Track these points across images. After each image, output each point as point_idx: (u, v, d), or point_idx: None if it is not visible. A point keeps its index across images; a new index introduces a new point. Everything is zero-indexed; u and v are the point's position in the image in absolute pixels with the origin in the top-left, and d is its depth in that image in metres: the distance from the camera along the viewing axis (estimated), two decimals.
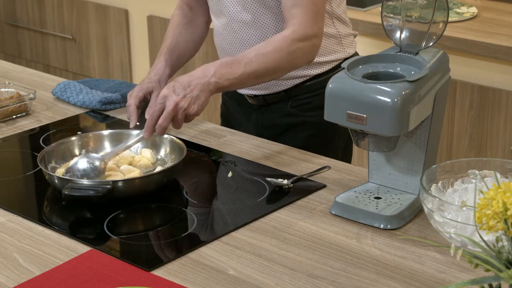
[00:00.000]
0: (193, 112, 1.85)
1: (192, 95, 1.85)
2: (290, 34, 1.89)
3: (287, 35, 1.89)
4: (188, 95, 1.84)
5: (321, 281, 1.44)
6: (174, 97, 1.84)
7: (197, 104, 1.85)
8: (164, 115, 1.84)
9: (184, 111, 1.84)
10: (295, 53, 1.90)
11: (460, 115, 2.84)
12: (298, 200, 1.72)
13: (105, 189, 1.65)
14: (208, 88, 1.85)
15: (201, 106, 1.86)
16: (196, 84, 1.85)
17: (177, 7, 2.22)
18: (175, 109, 1.83)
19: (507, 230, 1.05)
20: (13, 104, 2.14)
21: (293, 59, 1.91)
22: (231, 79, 1.87)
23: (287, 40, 1.89)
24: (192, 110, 1.85)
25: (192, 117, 1.87)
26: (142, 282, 1.44)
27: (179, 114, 1.84)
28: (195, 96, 1.85)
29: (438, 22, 1.62)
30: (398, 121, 1.52)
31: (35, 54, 4.28)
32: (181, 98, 1.84)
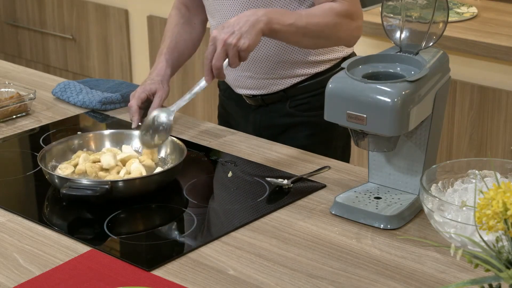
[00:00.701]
0: (244, 46, 1.80)
1: (241, 31, 1.81)
2: (339, 9, 1.91)
3: (337, 8, 1.92)
4: (236, 31, 1.81)
5: (321, 281, 1.44)
6: (222, 35, 1.81)
7: (247, 39, 1.81)
8: (216, 55, 1.81)
9: (235, 46, 1.80)
10: (340, 26, 1.92)
11: (460, 115, 2.84)
12: (298, 200, 1.72)
13: (103, 189, 1.65)
14: (258, 25, 1.82)
15: (252, 41, 1.81)
16: (246, 21, 1.82)
17: (174, 7, 2.23)
18: (224, 46, 1.80)
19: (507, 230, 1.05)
20: (13, 104, 2.14)
21: (337, 32, 1.93)
22: (281, 25, 1.85)
23: (333, 10, 1.91)
24: (243, 45, 1.80)
25: (245, 53, 1.81)
26: (142, 282, 1.44)
27: (230, 50, 1.81)
28: (245, 31, 1.81)
29: (438, 22, 1.62)
30: (398, 121, 1.52)
31: (35, 54, 4.28)
32: (229, 34, 1.80)
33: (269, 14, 1.84)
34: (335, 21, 1.91)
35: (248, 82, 2.10)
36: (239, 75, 2.10)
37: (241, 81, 2.11)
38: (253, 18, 1.82)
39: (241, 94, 2.15)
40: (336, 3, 1.92)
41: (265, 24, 1.82)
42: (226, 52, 1.81)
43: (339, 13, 1.91)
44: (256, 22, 1.82)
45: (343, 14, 1.91)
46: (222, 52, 1.81)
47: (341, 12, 1.91)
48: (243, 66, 2.08)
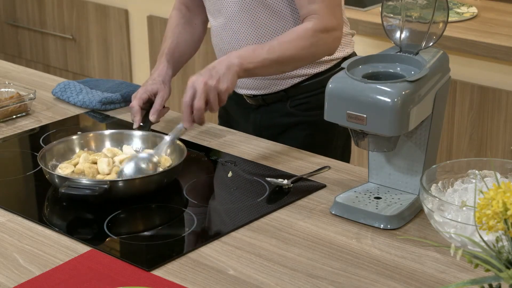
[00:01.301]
0: (224, 88, 1.84)
1: (219, 74, 1.84)
2: (311, 26, 1.91)
3: (309, 27, 1.92)
4: (214, 74, 1.84)
5: (321, 281, 1.44)
6: (201, 78, 1.84)
7: (226, 81, 1.84)
8: (198, 96, 1.83)
9: (215, 88, 1.83)
10: (317, 44, 1.92)
11: (460, 115, 2.84)
12: (298, 200, 1.72)
13: (102, 188, 1.65)
14: (233, 68, 1.85)
15: (231, 82, 1.85)
16: (221, 65, 1.86)
17: (174, 8, 2.23)
18: (205, 88, 1.83)
19: (507, 230, 1.05)
20: (13, 104, 2.14)
21: (315, 50, 1.94)
22: (254, 63, 1.88)
23: (309, 31, 1.91)
24: (222, 87, 1.84)
25: (224, 95, 1.85)
26: (142, 282, 1.44)
27: (211, 93, 1.84)
28: (222, 74, 1.84)
29: (438, 22, 1.62)
30: (398, 121, 1.52)
31: (35, 54, 4.28)
32: (209, 77, 1.84)
33: (241, 55, 1.88)
34: (310, 42, 1.91)
35: (248, 82, 2.10)
36: None
37: (241, 81, 2.11)
38: (226, 62, 1.86)
39: (242, 94, 2.15)
40: (310, 21, 1.92)
41: (238, 66, 1.86)
42: (207, 93, 1.83)
43: (314, 32, 1.91)
44: (230, 65, 1.86)
45: (319, 31, 1.92)
46: (203, 94, 1.83)
47: (317, 30, 1.91)
48: None
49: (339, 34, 1.96)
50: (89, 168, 1.76)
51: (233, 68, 1.85)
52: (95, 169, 1.77)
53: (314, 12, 1.92)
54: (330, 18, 1.93)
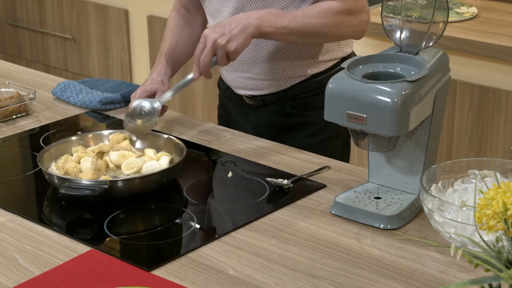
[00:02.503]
0: (232, 48, 1.85)
1: (231, 33, 1.85)
2: (337, 6, 1.92)
3: (335, 6, 1.92)
4: (227, 33, 1.85)
5: (321, 281, 1.44)
6: (213, 34, 1.85)
7: (236, 42, 1.85)
8: (205, 52, 1.85)
9: (223, 47, 1.84)
10: (339, 25, 1.93)
11: (460, 115, 2.84)
12: (298, 200, 1.72)
13: (102, 188, 1.65)
14: (249, 29, 1.86)
15: (241, 44, 1.85)
16: (237, 24, 1.86)
17: (173, 9, 2.23)
18: (213, 45, 1.84)
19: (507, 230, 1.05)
20: (13, 104, 2.14)
21: (337, 29, 1.94)
22: (273, 28, 1.88)
23: (333, 10, 1.91)
24: (231, 47, 1.85)
25: (232, 54, 1.86)
26: (142, 282, 1.44)
27: (219, 51, 1.85)
28: (235, 34, 1.85)
29: (438, 22, 1.62)
30: (398, 121, 1.52)
31: (35, 54, 4.28)
32: (220, 35, 1.85)
33: (262, 17, 1.87)
34: (333, 21, 1.91)
35: (248, 83, 2.10)
36: (239, 76, 2.10)
37: (241, 82, 2.11)
38: (244, 22, 1.86)
39: (241, 94, 2.15)
40: (336, 1, 1.92)
41: (255, 28, 1.86)
42: (215, 51, 1.86)
43: (338, 12, 1.91)
44: (247, 26, 1.85)
45: (342, 12, 1.92)
46: (210, 51, 1.85)
47: (341, 11, 1.91)
48: (243, 67, 2.08)
49: (365, 17, 1.97)
50: (72, 168, 1.76)
51: (249, 29, 1.85)
52: (78, 168, 1.77)
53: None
54: (355, 1, 1.94)
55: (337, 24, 1.92)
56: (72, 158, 1.80)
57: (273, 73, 2.06)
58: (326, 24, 1.91)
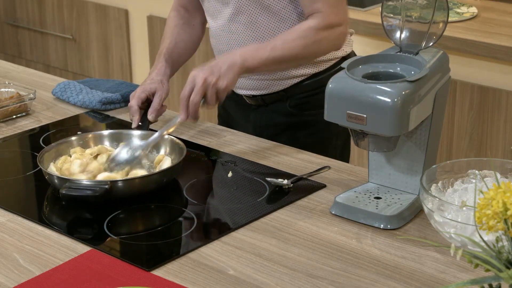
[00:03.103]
0: (222, 86, 1.86)
1: (220, 72, 1.86)
2: (314, 25, 1.93)
3: (312, 25, 1.93)
4: (216, 71, 1.86)
5: (321, 281, 1.44)
6: (202, 73, 1.86)
7: (226, 79, 1.86)
8: (195, 91, 1.85)
9: (214, 85, 1.85)
10: (320, 42, 1.94)
11: (460, 115, 2.84)
12: (298, 200, 1.72)
13: (103, 189, 1.65)
14: (235, 67, 1.87)
15: (230, 81, 1.86)
16: (223, 62, 1.88)
17: (173, 9, 2.23)
18: (204, 84, 1.85)
19: (507, 230, 1.05)
20: (13, 104, 2.14)
21: (317, 47, 1.95)
22: (257, 62, 1.90)
23: (311, 30, 1.92)
24: (222, 85, 1.85)
25: (222, 93, 1.87)
26: (142, 282, 1.44)
27: (209, 89, 1.85)
28: (223, 72, 1.86)
29: (438, 22, 1.62)
30: (398, 121, 1.52)
31: (35, 54, 4.28)
32: (209, 73, 1.86)
33: (244, 53, 1.89)
34: (313, 39, 1.92)
35: (248, 83, 2.10)
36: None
37: (240, 82, 2.11)
38: (229, 60, 1.88)
39: (241, 94, 2.15)
40: (314, 19, 1.93)
41: (241, 65, 1.88)
42: (205, 90, 1.85)
43: (317, 29, 1.92)
44: (232, 64, 1.87)
45: (322, 28, 1.93)
46: (201, 89, 1.85)
47: (320, 27, 1.92)
48: None
49: (343, 29, 1.97)
50: (67, 169, 1.77)
51: (235, 67, 1.87)
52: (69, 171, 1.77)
53: (317, 10, 1.93)
54: (334, 15, 1.94)
55: (318, 42, 1.94)
56: (70, 159, 1.80)
57: (273, 73, 2.06)
58: (307, 45, 1.92)
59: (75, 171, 1.76)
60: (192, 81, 1.86)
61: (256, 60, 1.89)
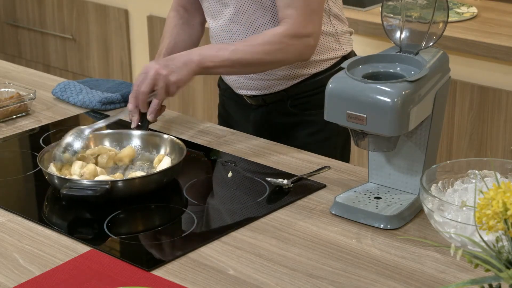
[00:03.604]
0: (173, 80, 1.86)
1: (173, 66, 1.87)
2: (282, 31, 1.91)
3: (280, 31, 1.91)
4: (170, 65, 1.87)
5: (321, 281, 1.44)
6: (156, 65, 1.87)
7: (178, 74, 1.86)
8: (145, 82, 1.87)
9: (164, 77, 1.86)
10: (285, 50, 1.91)
11: (460, 115, 2.84)
12: (298, 200, 1.72)
13: (103, 189, 1.65)
14: (190, 64, 1.87)
15: (183, 77, 1.87)
16: (179, 58, 1.89)
17: (172, 9, 2.23)
18: (155, 75, 1.86)
19: (507, 230, 1.05)
20: (13, 104, 2.14)
21: (282, 55, 1.93)
22: (215, 62, 1.89)
23: (277, 36, 1.91)
24: (173, 78, 1.86)
25: (173, 87, 1.87)
26: (142, 282, 1.44)
27: (160, 81, 1.86)
28: (177, 67, 1.87)
29: (438, 22, 1.62)
30: (398, 121, 1.52)
31: (35, 54, 4.28)
32: (163, 66, 1.87)
33: (203, 52, 1.90)
34: (277, 47, 1.91)
35: (248, 83, 2.10)
36: (239, 76, 2.10)
37: (241, 82, 2.11)
38: (186, 58, 1.89)
39: (242, 94, 2.15)
40: (282, 26, 1.92)
41: (197, 64, 1.88)
42: (156, 81, 1.87)
43: (283, 36, 1.90)
44: (188, 61, 1.88)
45: (288, 36, 1.91)
46: (151, 80, 1.87)
47: (286, 35, 1.90)
48: None
49: (311, 41, 1.94)
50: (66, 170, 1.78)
51: (190, 64, 1.87)
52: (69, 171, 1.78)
53: (288, 17, 1.91)
54: (304, 25, 1.91)
55: (282, 50, 1.91)
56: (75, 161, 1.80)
57: (273, 72, 2.06)
58: (270, 51, 1.91)
59: (76, 171, 1.76)
60: (145, 72, 1.88)
61: (215, 60, 1.89)
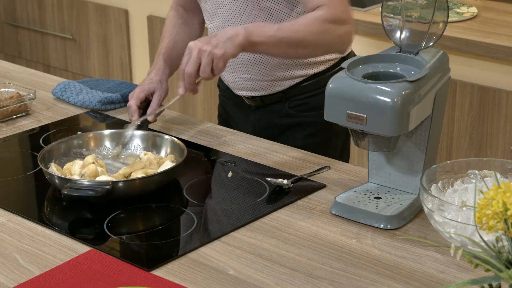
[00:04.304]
0: (219, 53, 1.79)
1: (218, 41, 1.80)
2: (321, 14, 1.88)
3: (319, 14, 1.88)
4: (213, 41, 1.80)
5: (321, 281, 1.44)
6: (198, 43, 1.81)
7: (223, 48, 1.79)
8: (190, 62, 1.81)
9: (209, 53, 1.79)
10: (327, 33, 1.88)
11: (460, 115, 2.84)
12: (298, 200, 1.72)
13: (104, 189, 1.65)
14: (237, 39, 1.81)
15: (229, 49, 1.79)
16: (224, 33, 1.82)
17: (172, 9, 2.23)
18: (199, 53, 1.79)
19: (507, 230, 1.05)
20: (13, 104, 2.14)
21: (326, 37, 1.89)
22: (262, 37, 1.83)
23: (319, 18, 1.88)
24: (219, 51, 1.79)
25: (219, 61, 1.80)
26: (142, 282, 1.44)
27: (204, 57, 1.79)
28: (222, 42, 1.80)
29: (438, 22, 1.62)
30: (398, 121, 1.52)
31: (35, 54, 4.28)
32: (205, 43, 1.80)
33: (249, 27, 1.84)
34: (320, 28, 1.87)
35: (247, 84, 2.10)
36: (238, 77, 2.10)
37: (240, 83, 2.11)
38: (232, 32, 1.82)
39: (241, 95, 2.15)
40: (321, 10, 1.89)
41: (244, 37, 1.81)
42: (201, 59, 1.80)
43: (324, 20, 1.88)
44: (234, 36, 1.81)
45: (328, 20, 1.88)
46: (196, 58, 1.80)
47: (327, 19, 1.88)
48: (242, 68, 2.08)
49: (350, 28, 1.93)
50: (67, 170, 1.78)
51: (237, 38, 1.81)
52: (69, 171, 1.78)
53: (323, 3, 1.89)
54: (341, 10, 1.90)
55: (324, 32, 1.88)
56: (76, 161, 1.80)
57: (272, 74, 2.06)
58: (313, 31, 1.87)
59: (76, 171, 1.76)
60: (189, 52, 1.82)
61: (262, 36, 1.83)
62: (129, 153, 1.89)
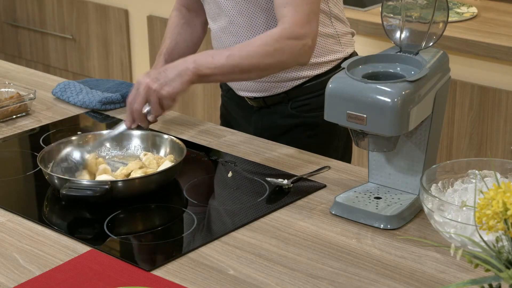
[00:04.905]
0: (166, 93, 1.80)
1: (166, 78, 1.81)
2: (278, 31, 1.85)
3: (275, 32, 1.85)
4: (162, 78, 1.81)
5: (321, 281, 1.44)
6: (147, 79, 1.82)
7: (171, 86, 1.80)
8: (137, 99, 1.83)
9: (156, 92, 1.80)
10: (282, 50, 1.84)
11: (460, 115, 2.84)
12: (298, 200, 1.72)
13: (103, 189, 1.65)
14: (185, 74, 1.81)
15: (175, 89, 1.80)
16: (173, 68, 1.82)
17: (174, 9, 2.23)
18: (146, 90, 1.81)
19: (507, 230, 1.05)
20: (13, 104, 2.14)
21: (280, 57, 1.85)
22: (212, 68, 1.82)
23: (274, 37, 1.84)
24: (165, 91, 1.80)
25: (167, 100, 1.81)
26: (142, 282, 1.44)
27: (152, 96, 1.81)
28: (170, 79, 1.81)
29: (438, 22, 1.62)
30: (398, 121, 1.52)
31: (35, 54, 4.28)
32: (153, 80, 1.81)
33: (198, 59, 1.83)
34: (275, 47, 1.83)
35: (249, 85, 2.10)
36: None
37: (242, 84, 2.11)
38: (181, 67, 1.82)
39: (243, 96, 2.15)
40: (278, 27, 1.85)
41: (193, 73, 1.81)
42: (148, 97, 1.82)
43: (280, 37, 1.83)
44: (183, 72, 1.81)
45: (285, 37, 1.84)
46: (143, 97, 1.82)
47: (283, 36, 1.84)
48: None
49: (309, 42, 1.86)
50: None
51: (185, 74, 1.81)
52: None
53: (286, 15, 1.85)
54: (302, 24, 1.84)
55: (279, 50, 1.83)
56: None
57: (275, 75, 2.06)
58: (267, 53, 1.83)
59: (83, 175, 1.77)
60: (136, 87, 1.84)
61: (212, 67, 1.82)
62: (129, 153, 1.89)
